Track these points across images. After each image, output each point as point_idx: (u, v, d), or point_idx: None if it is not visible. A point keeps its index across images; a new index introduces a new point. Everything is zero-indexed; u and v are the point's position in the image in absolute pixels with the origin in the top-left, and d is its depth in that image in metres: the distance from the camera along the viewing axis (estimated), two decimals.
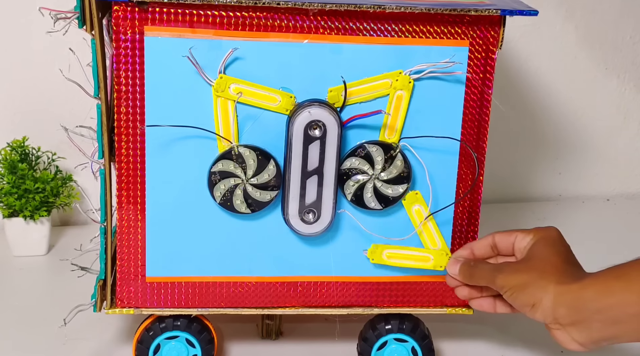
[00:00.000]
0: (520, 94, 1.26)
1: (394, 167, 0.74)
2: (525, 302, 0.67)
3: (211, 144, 0.72)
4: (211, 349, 0.80)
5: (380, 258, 0.77)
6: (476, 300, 0.76)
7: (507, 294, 0.69)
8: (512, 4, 0.73)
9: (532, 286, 0.66)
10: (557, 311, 0.64)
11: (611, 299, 0.62)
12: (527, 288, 0.66)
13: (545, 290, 0.65)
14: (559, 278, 0.65)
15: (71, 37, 0.76)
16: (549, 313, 0.65)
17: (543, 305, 0.65)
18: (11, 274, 1.01)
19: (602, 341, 0.64)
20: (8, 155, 1.03)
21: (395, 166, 0.74)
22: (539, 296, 0.66)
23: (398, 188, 0.75)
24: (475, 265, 0.73)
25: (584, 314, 0.63)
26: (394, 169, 0.74)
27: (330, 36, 0.71)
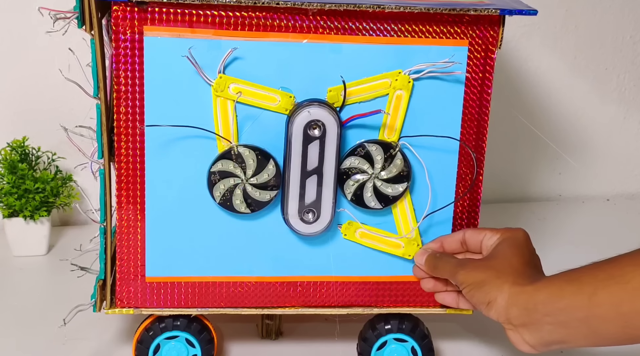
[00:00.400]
0: (520, 94, 1.26)
1: (394, 167, 0.74)
2: (481, 300, 0.68)
3: (211, 144, 0.72)
4: (211, 349, 0.80)
5: (353, 235, 0.76)
6: (440, 294, 0.77)
7: (465, 291, 0.70)
8: (512, 3, 0.73)
9: (488, 285, 0.67)
10: (509, 311, 0.65)
11: (561, 302, 0.62)
12: (484, 286, 0.67)
13: (500, 290, 0.66)
14: (515, 279, 0.66)
15: (71, 37, 0.76)
16: (502, 313, 0.66)
17: (497, 304, 0.66)
18: (11, 274, 1.01)
19: (552, 344, 0.64)
20: (8, 155, 1.03)
21: (395, 165, 0.74)
22: (494, 295, 0.66)
23: (398, 187, 0.75)
24: (441, 257, 0.74)
25: (535, 316, 0.63)
26: (393, 168, 0.74)
27: (330, 36, 0.71)
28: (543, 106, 1.28)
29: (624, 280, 0.59)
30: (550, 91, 1.27)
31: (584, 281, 0.61)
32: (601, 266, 0.62)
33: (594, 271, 0.62)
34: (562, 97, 1.28)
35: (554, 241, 1.14)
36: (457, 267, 0.71)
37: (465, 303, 0.75)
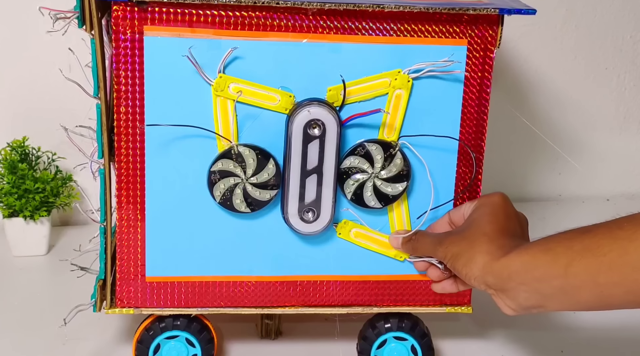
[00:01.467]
0: (520, 93, 1.26)
1: (394, 166, 0.74)
2: (461, 271, 0.69)
3: (211, 144, 0.73)
4: (211, 348, 0.80)
5: (348, 234, 0.77)
6: (438, 284, 0.77)
7: (449, 264, 0.71)
8: (511, 3, 0.73)
9: (464, 256, 0.68)
10: (486, 279, 0.66)
11: (536, 272, 0.63)
12: (460, 257, 0.69)
13: (474, 261, 0.67)
14: (488, 248, 0.67)
15: (71, 37, 0.76)
16: (481, 281, 0.67)
17: (474, 273, 0.67)
18: (11, 274, 1.01)
19: (531, 308, 0.65)
20: (8, 155, 1.03)
21: (395, 165, 0.74)
22: (469, 265, 0.67)
23: (398, 186, 0.75)
24: (417, 239, 0.75)
25: (510, 284, 0.64)
26: (393, 168, 0.75)
27: (329, 35, 0.71)
28: (543, 106, 1.28)
29: (600, 253, 0.59)
30: (550, 90, 1.27)
31: (559, 252, 0.62)
32: (576, 236, 0.63)
33: (569, 242, 0.62)
34: (562, 97, 1.28)
35: None
36: (434, 244, 0.72)
37: (464, 284, 0.75)
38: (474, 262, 0.67)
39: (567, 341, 0.90)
